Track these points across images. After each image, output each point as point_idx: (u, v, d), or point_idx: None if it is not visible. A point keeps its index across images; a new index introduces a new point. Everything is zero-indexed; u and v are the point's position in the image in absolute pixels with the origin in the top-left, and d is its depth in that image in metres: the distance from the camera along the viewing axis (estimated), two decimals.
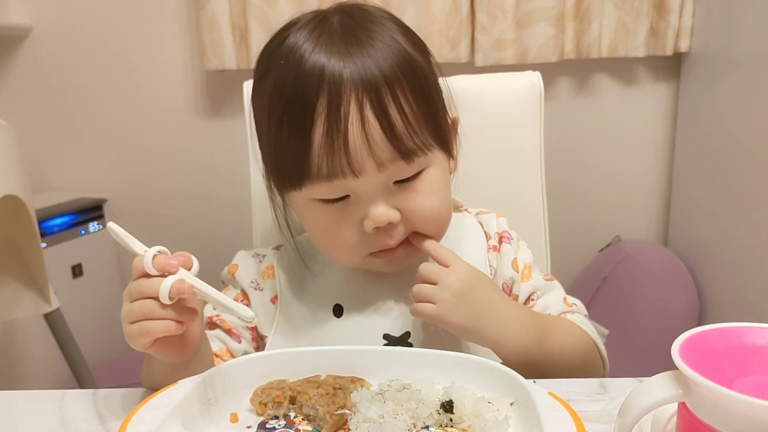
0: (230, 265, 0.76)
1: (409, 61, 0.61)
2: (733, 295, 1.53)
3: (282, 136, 0.60)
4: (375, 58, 0.59)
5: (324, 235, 0.64)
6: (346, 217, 0.62)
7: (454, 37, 1.71)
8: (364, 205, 0.61)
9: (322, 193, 0.61)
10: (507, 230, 0.75)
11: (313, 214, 0.63)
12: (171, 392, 0.52)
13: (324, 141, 0.58)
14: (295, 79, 0.59)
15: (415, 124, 0.60)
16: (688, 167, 1.77)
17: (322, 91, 0.57)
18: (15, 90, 1.91)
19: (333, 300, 0.69)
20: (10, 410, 0.60)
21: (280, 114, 0.60)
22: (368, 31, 0.61)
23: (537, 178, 0.90)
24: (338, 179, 0.59)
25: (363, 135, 0.58)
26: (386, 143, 0.58)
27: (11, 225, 1.16)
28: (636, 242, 1.83)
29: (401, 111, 0.59)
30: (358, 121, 0.57)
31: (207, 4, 1.69)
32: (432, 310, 0.61)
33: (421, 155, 0.61)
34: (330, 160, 0.58)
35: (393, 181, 0.61)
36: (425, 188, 0.63)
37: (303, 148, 0.59)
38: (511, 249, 0.73)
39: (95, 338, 1.63)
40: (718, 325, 0.40)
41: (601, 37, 1.71)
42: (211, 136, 1.89)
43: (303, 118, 0.58)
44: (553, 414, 0.47)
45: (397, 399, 0.52)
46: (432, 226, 0.65)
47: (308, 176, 0.59)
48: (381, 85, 0.58)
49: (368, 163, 0.58)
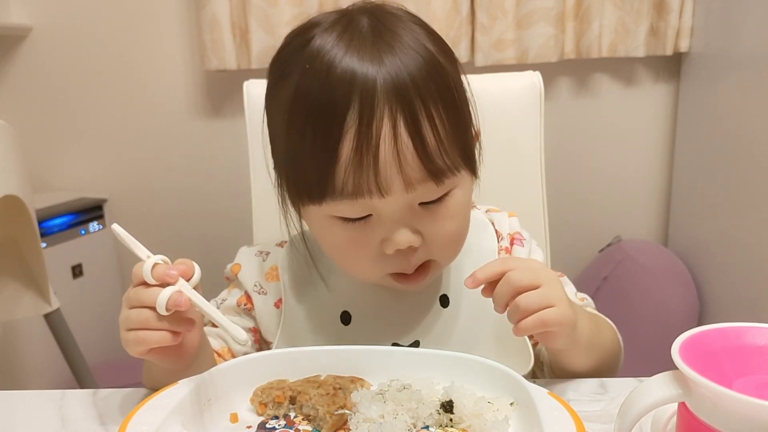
0: (233, 263, 0.74)
1: (441, 73, 0.57)
2: (733, 295, 1.53)
3: (304, 147, 0.56)
4: (408, 67, 0.55)
5: (340, 254, 0.62)
6: (365, 236, 0.58)
7: (454, 37, 1.71)
8: (387, 226, 0.57)
9: (343, 211, 0.57)
10: (519, 231, 0.73)
11: (330, 230, 0.59)
12: (171, 392, 0.51)
13: (352, 157, 0.53)
14: (323, 86, 0.54)
15: (446, 142, 0.56)
16: (688, 167, 1.77)
17: (354, 102, 0.53)
18: (15, 90, 1.91)
19: (340, 307, 0.67)
20: (10, 410, 0.60)
21: (302, 122, 0.55)
22: (399, 37, 0.57)
23: (537, 178, 0.90)
24: (363, 198, 0.55)
25: (395, 153, 0.54)
26: (417, 162, 0.55)
27: (11, 225, 1.16)
28: (636, 242, 1.83)
29: (434, 128, 0.55)
30: (391, 138, 0.53)
31: (207, 4, 1.69)
32: (558, 314, 0.54)
33: (451, 176, 0.57)
34: (357, 177, 0.54)
35: (418, 202, 0.58)
36: (449, 212, 0.59)
37: (328, 162, 0.54)
38: (523, 251, 0.71)
39: (95, 338, 1.62)
40: (718, 325, 0.40)
41: (601, 37, 1.71)
42: (211, 136, 1.89)
43: (330, 129, 0.54)
44: (553, 414, 0.47)
45: (397, 399, 0.52)
46: (450, 252, 0.63)
47: (331, 192, 0.55)
48: (415, 99, 0.54)
49: (397, 182, 0.55)
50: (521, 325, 0.54)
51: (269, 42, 1.68)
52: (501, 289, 0.55)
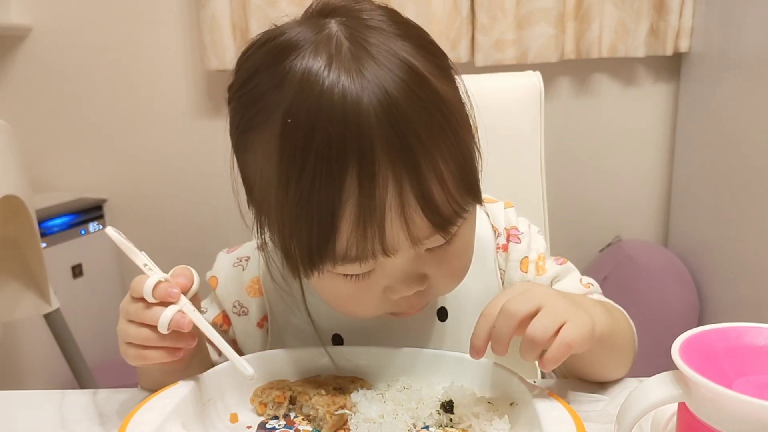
0: (211, 273, 0.68)
1: (441, 107, 0.49)
2: (733, 295, 1.53)
3: (298, 212, 0.48)
4: (406, 115, 0.47)
5: (340, 303, 0.57)
6: (368, 286, 0.54)
7: (455, 37, 1.71)
8: (391, 276, 0.53)
9: (344, 271, 0.52)
10: (515, 225, 0.68)
11: (330, 284, 0.54)
12: (171, 392, 0.51)
13: (354, 229, 0.48)
14: (312, 144, 0.46)
15: (453, 188, 0.50)
16: (688, 167, 1.77)
17: (351, 166, 0.46)
18: (15, 90, 1.91)
19: (331, 329, 0.63)
20: (10, 410, 0.60)
21: (296, 189, 0.47)
22: (387, 70, 0.47)
23: (537, 178, 0.89)
24: (368, 261, 0.50)
25: (402, 219, 0.48)
26: (425, 222, 0.49)
27: (11, 225, 1.16)
28: (636, 242, 1.83)
29: (440, 178, 0.49)
30: (398, 205, 0.48)
31: (207, 5, 1.69)
32: (576, 328, 0.48)
33: (459, 221, 0.52)
34: (360, 246, 0.49)
35: (425, 249, 0.53)
36: (456, 252, 0.55)
37: (327, 235, 0.48)
38: (521, 248, 0.67)
39: (95, 338, 1.62)
40: (718, 325, 0.40)
41: (601, 37, 1.71)
42: (211, 136, 1.89)
43: (328, 200, 0.47)
44: (553, 414, 0.47)
45: (397, 399, 0.52)
46: (454, 285, 0.59)
47: (331, 259, 0.50)
48: (418, 152, 0.47)
49: (404, 244, 0.50)
50: (547, 358, 0.48)
51: None
52: (502, 325, 0.49)
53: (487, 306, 0.51)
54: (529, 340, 0.48)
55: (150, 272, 0.52)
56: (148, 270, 0.53)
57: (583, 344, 0.48)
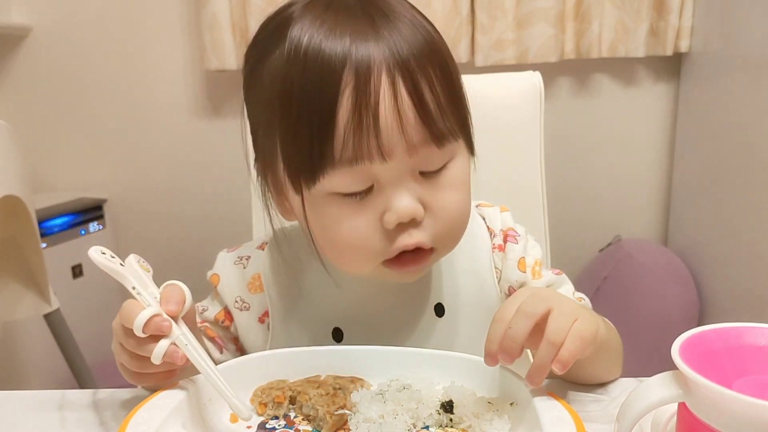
0: (212, 271, 0.69)
1: (435, 44, 0.55)
2: (733, 295, 1.53)
3: (298, 117, 0.52)
4: (404, 35, 0.53)
5: (338, 235, 0.56)
6: (365, 210, 0.54)
7: (454, 37, 1.71)
8: (388, 196, 0.54)
9: (342, 184, 0.53)
10: (512, 227, 0.69)
11: (326, 211, 0.55)
12: (171, 392, 0.51)
13: (350, 118, 0.51)
14: (316, 54, 0.51)
15: (445, 106, 0.54)
16: (688, 167, 1.77)
17: (349, 65, 0.51)
18: (15, 90, 1.92)
19: (331, 323, 0.64)
20: (10, 410, 0.60)
21: (294, 91, 0.52)
22: (391, 7, 0.55)
23: (537, 178, 0.90)
24: (364, 163, 0.52)
25: (395, 112, 0.51)
26: (419, 123, 0.52)
27: (11, 225, 1.17)
28: (636, 242, 1.83)
29: (433, 91, 0.53)
30: (391, 96, 0.51)
31: (207, 4, 1.69)
32: (586, 325, 0.49)
33: (452, 141, 0.55)
34: (357, 140, 0.51)
35: (420, 170, 0.55)
36: (452, 181, 0.56)
37: (326, 127, 0.51)
38: (518, 248, 0.67)
39: (95, 338, 1.62)
40: (718, 325, 0.40)
41: (601, 37, 1.71)
42: (211, 136, 1.89)
43: (325, 91, 0.51)
44: (553, 414, 0.47)
45: (397, 399, 0.52)
46: (451, 235, 0.58)
47: (330, 161, 0.52)
48: (411, 62, 0.52)
49: (399, 145, 0.52)
50: (563, 354, 0.47)
51: None
52: (519, 325, 0.48)
53: (499, 311, 0.51)
54: (550, 342, 0.48)
55: (139, 296, 0.51)
56: (136, 294, 0.51)
57: (593, 340, 0.49)
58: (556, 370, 0.48)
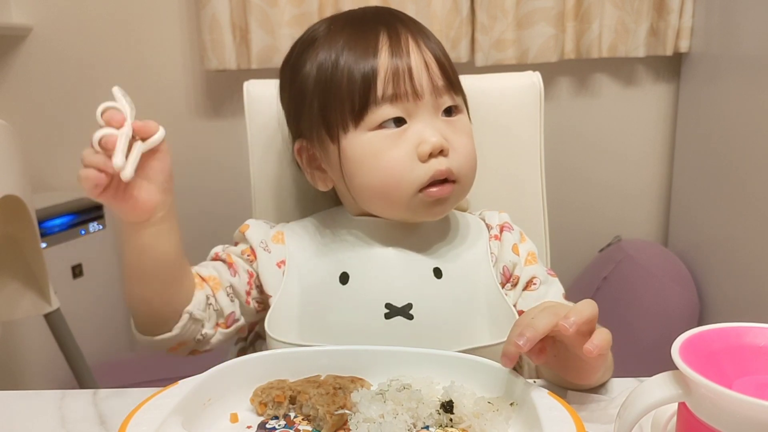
0: (242, 225, 0.78)
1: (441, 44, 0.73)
2: (733, 295, 1.53)
3: (344, 71, 0.68)
4: (418, 25, 0.72)
5: (381, 164, 0.67)
6: (401, 143, 0.67)
7: (455, 37, 1.71)
8: (420, 131, 0.67)
9: (383, 116, 0.67)
10: (509, 222, 0.78)
11: (368, 148, 0.67)
12: (171, 392, 0.52)
13: (389, 65, 0.67)
14: (355, 29, 0.70)
15: (449, 68, 0.70)
16: (688, 167, 1.77)
17: (381, 29, 0.69)
18: (15, 90, 1.91)
19: (340, 268, 0.70)
20: (10, 410, 0.60)
21: (344, 53, 0.69)
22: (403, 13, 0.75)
23: (537, 178, 0.90)
24: (401, 101, 0.67)
25: (423, 62, 0.68)
26: (439, 71, 0.69)
27: (11, 225, 1.16)
28: (636, 242, 1.83)
29: (443, 53, 0.71)
30: (417, 51, 0.69)
31: (207, 4, 1.69)
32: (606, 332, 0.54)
33: (461, 94, 0.72)
34: (396, 83, 0.66)
35: (442, 109, 0.69)
36: (464, 128, 0.71)
37: (371, 74, 0.67)
38: (512, 237, 0.75)
39: (95, 338, 1.62)
40: (718, 325, 0.40)
41: (601, 37, 1.71)
42: (211, 136, 1.89)
43: (369, 49, 0.68)
44: (553, 414, 0.47)
45: (397, 399, 0.52)
46: (469, 168, 0.70)
47: (374, 100, 0.67)
48: (428, 38, 0.71)
49: (427, 87, 0.67)
50: (596, 341, 0.51)
51: (269, 42, 1.68)
52: (542, 318, 0.53)
53: (520, 318, 0.56)
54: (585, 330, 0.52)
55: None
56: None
57: (610, 343, 0.53)
58: (590, 356, 0.50)
